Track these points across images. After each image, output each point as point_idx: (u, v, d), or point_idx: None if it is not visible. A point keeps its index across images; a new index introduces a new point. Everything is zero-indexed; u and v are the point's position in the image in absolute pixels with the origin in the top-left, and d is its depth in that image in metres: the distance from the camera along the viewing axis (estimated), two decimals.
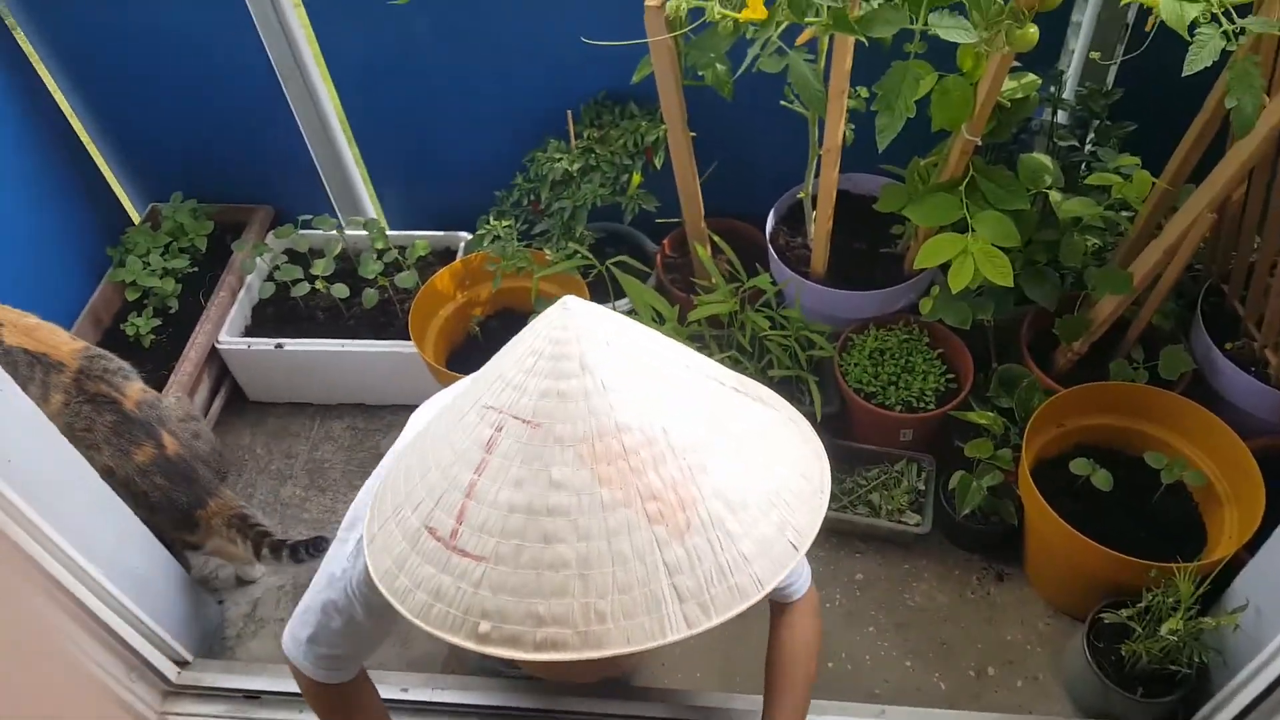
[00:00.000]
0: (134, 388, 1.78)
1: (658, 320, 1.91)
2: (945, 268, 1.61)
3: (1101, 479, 1.67)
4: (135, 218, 2.41)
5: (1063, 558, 1.70)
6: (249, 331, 2.23)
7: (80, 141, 2.24)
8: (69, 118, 2.21)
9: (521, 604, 0.69)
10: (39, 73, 2.11)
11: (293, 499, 2.13)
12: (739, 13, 1.35)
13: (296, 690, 1.71)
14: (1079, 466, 1.69)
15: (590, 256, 1.96)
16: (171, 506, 1.74)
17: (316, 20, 2.01)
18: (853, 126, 1.72)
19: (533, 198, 2.08)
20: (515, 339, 0.80)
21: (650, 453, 0.71)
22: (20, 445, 1.39)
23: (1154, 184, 1.60)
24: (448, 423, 0.80)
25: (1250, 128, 1.25)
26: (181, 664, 1.77)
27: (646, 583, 0.69)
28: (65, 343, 1.77)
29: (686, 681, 1.77)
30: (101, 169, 2.32)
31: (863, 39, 1.33)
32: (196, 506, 1.77)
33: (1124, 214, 1.72)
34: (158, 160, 2.34)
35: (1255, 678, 1.42)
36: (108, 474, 1.70)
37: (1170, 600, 1.50)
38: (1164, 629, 1.48)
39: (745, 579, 0.71)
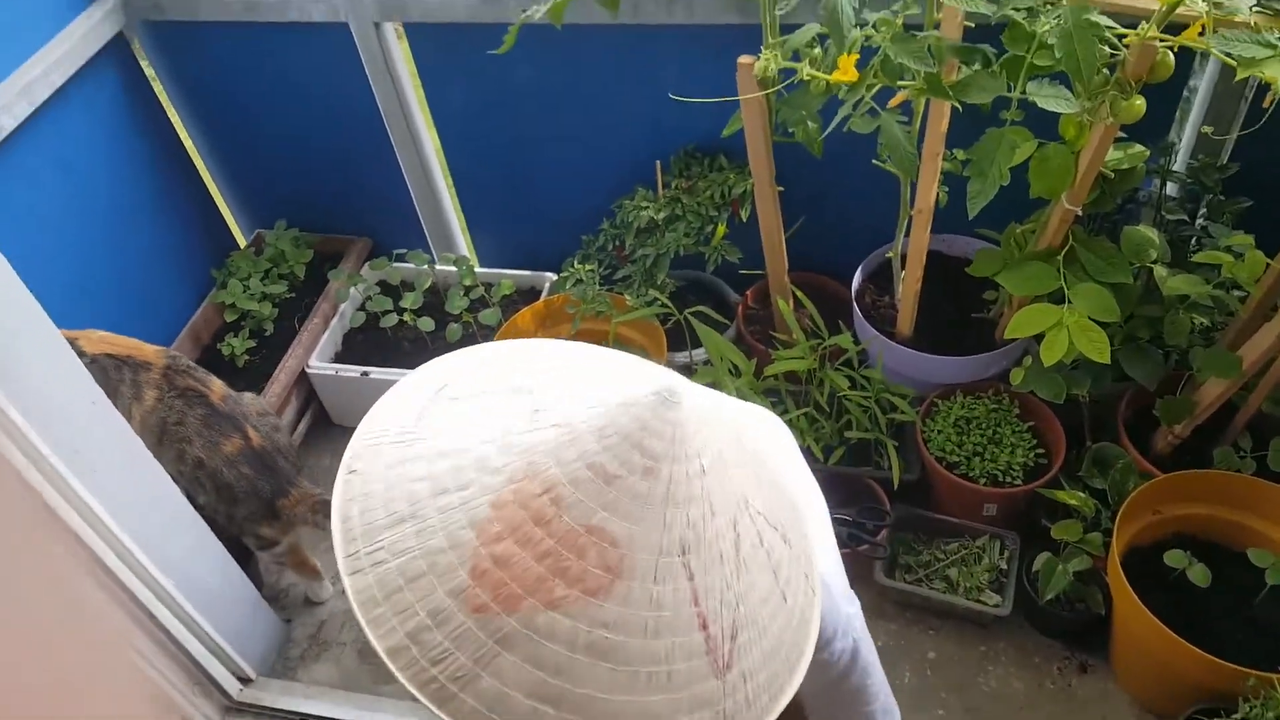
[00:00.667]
0: (217, 383, 1.85)
1: (734, 373, 1.88)
2: (1039, 338, 1.54)
3: (1198, 574, 1.56)
4: (241, 242, 2.52)
5: (1152, 655, 1.59)
6: (339, 358, 2.29)
7: (195, 168, 2.36)
8: (186, 145, 2.33)
9: (360, 516, 0.64)
10: (161, 101, 2.24)
11: None
12: (829, 75, 1.33)
13: (350, 719, 1.74)
14: (1174, 559, 1.59)
15: (669, 304, 1.96)
16: (256, 496, 1.79)
17: (423, 68, 2.08)
18: (946, 188, 1.68)
19: (618, 243, 2.09)
20: (621, 370, 0.69)
21: (565, 544, 0.61)
22: (106, 456, 1.44)
23: (1268, 264, 1.51)
24: (527, 372, 0.72)
25: None
26: (244, 680, 1.81)
27: (407, 618, 0.61)
28: (144, 345, 1.84)
29: None
30: (213, 194, 2.44)
31: (957, 105, 1.30)
32: (279, 495, 1.81)
33: (1235, 293, 1.63)
34: (266, 189, 2.44)
35: None
36: (199, 466, 1.76)
37: (1271, 715, 1.38)
38: None
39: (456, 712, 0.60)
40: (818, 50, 1.45)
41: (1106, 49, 1.23)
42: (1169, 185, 1.76)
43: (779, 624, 0.67)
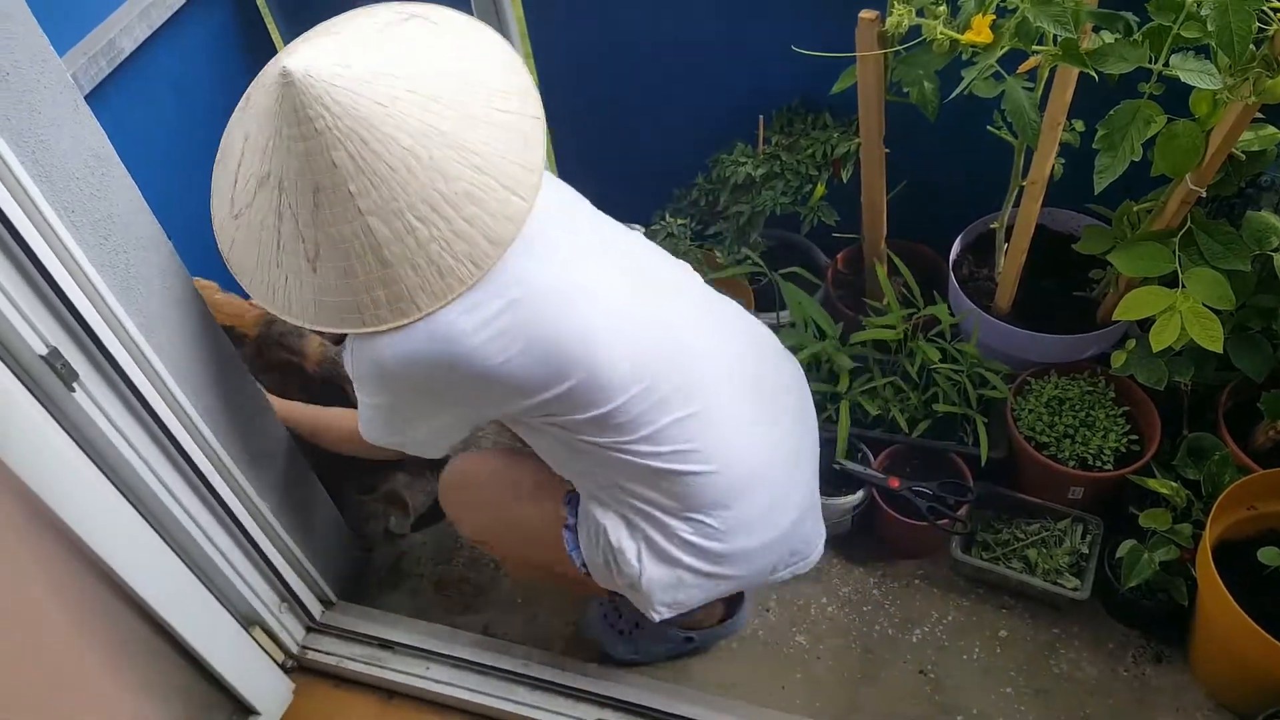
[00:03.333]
0: (312, 344, 1.84)
1: (818, 337, 1.87)
2: (1145, 322, 1.50)
3: None
4: None
5: (1236, 651, 1.56)
6: None
7: None
8: None
9: None
10: (269, 29, 2.26)
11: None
12: (962, 34, 1.29)
13: (426, 647, 1.79)
14: (1268, 555, 1.55)
15: (761, 264, 1.94)
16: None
17: (529, 11, 2.07)
18: (1062, 160, 1.63)
19: (710, 198, 2.07)
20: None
21: None
22: (213, 381, 1.49)
23: None
24: None
25: None
26: (327, 604, 1.87)
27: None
28: (247, 310, 1.83)
29: (806, 711, 1.73)
30: None
31: (1092, 73, 1.25)
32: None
33: None
34: None
35: None
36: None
37: None
38: None
39: None
40: (943, 8, 1.41)
41: (1256, 23, 1.18)
42: None
43: None
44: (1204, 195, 1.47)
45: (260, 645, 1.69)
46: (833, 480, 1.86)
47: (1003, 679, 1.75)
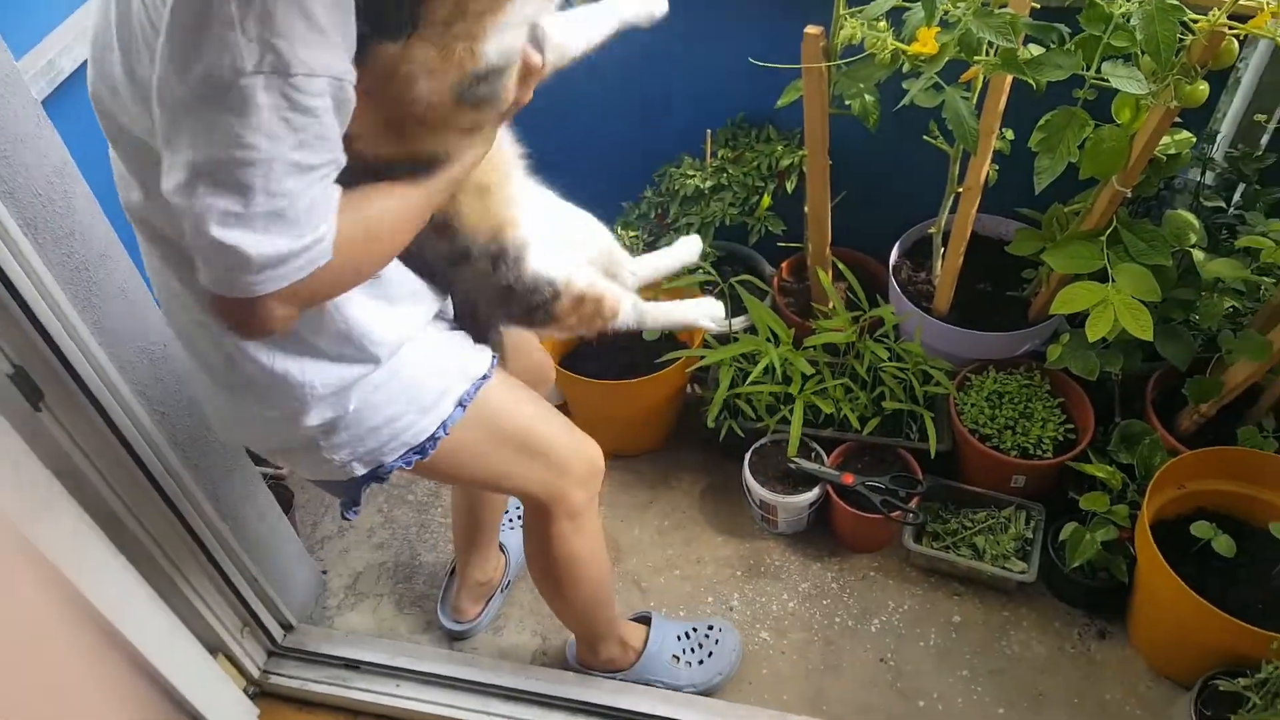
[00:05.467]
0: None
1: (773, 341, 1.93)
2: (1075, 318, 1.59)
3: (1223, 544, 1.63)
4: None
5: (1175, 621, 1.66)
6: None
7: None
8: None
9: None
10: None
11: (400, 480, 2.18)
12: (909, 46, 1.37)
13: (394, 665, 1.78)
14: (1200, 530, 1.66)
15: (713, 273, 1.99)
16: None
17: None
18: (996, 166, 1.72)
19: (659, 211, 2.12)
20: None
21: None
22: (174, 401, 1.47)
23: None
24: None
25: None
26: (287, 627, 1.84)
27: None
28: None
29: (773, 705, 1.77)
30: None
31: (1031, 81, 1.34)
32: None
33: (1267, 279, 1.69)
34: None
35: None
36: None
37: None
38: None
39: None
40: (883, 23, 1.49)
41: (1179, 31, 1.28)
42: (1207, 173, 1.82)
43: None
44: (1129, 196, 1.58)
45: (224, 671, 1.66)
46: (789, 479, 1.92)
47: (959, 662, 1.82)
